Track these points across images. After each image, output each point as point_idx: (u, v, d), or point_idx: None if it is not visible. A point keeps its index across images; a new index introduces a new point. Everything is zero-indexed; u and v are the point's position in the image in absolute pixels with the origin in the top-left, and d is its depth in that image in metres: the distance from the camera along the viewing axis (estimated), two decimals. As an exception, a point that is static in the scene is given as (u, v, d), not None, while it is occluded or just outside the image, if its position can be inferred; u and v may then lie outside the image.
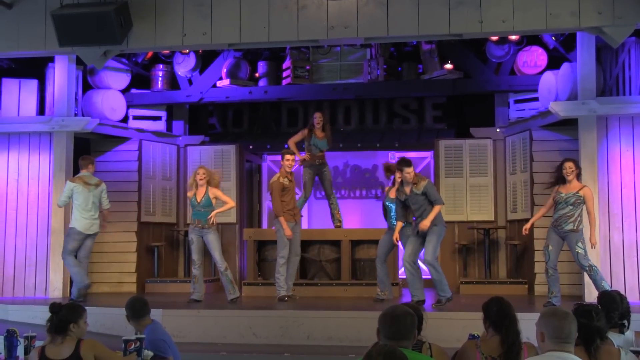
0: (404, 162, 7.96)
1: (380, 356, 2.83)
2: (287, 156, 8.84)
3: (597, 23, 7.35)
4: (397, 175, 8.22)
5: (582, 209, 7.85)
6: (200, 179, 8.67)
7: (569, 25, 7.53)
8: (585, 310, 3.86)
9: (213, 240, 8.59)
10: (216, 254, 8.58)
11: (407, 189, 8.00)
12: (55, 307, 4.47)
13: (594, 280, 7.77)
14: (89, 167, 8.99)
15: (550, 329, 3.36)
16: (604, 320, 3.95)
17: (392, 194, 8.42)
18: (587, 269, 7.73)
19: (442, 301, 7.85)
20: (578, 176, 7.95)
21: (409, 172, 7.88)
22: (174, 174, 11.31)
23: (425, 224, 7.78)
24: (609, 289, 7.53)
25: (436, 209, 7.84)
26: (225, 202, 8.75)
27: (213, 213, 8.58)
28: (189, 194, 8.82)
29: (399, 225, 8.29)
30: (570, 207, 7.78)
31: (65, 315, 4.44)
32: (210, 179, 8.72)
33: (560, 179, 7.96)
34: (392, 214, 8.44)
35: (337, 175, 12.24)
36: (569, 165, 7.91)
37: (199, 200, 8.62)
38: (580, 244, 7.74)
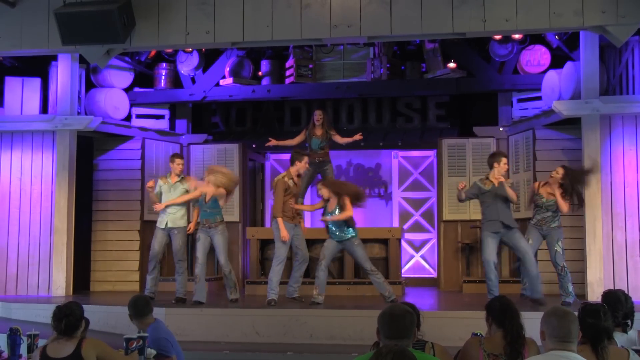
0: None
1: (390, 355, 2.84)
2: (306, 158, 8.57)
3: (600, 22, 7.33)
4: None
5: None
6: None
7: (573, 24, 7.51)
8: (593, 310, 3.85)
9: (219, 243, 8.40)
10: (221, 257, 8.45)
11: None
12: (64, 310, 4.38)
13: (562, 282, 7.98)
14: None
15: (549, 328, 3.37)
16: (611, 320, 3.94)
17: None
18: (560, 269, 7.97)
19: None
20: None
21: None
22: (177, 172, 11.30)
23: None
24: (573, 294, 7.95)
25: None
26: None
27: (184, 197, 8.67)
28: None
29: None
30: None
31: (79, 315, 4.42)
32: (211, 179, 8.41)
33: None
34: None
35: (340, 174, 12.23)
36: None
37: (206, 200, 8.41)
38: (560, 243, 8.01)
